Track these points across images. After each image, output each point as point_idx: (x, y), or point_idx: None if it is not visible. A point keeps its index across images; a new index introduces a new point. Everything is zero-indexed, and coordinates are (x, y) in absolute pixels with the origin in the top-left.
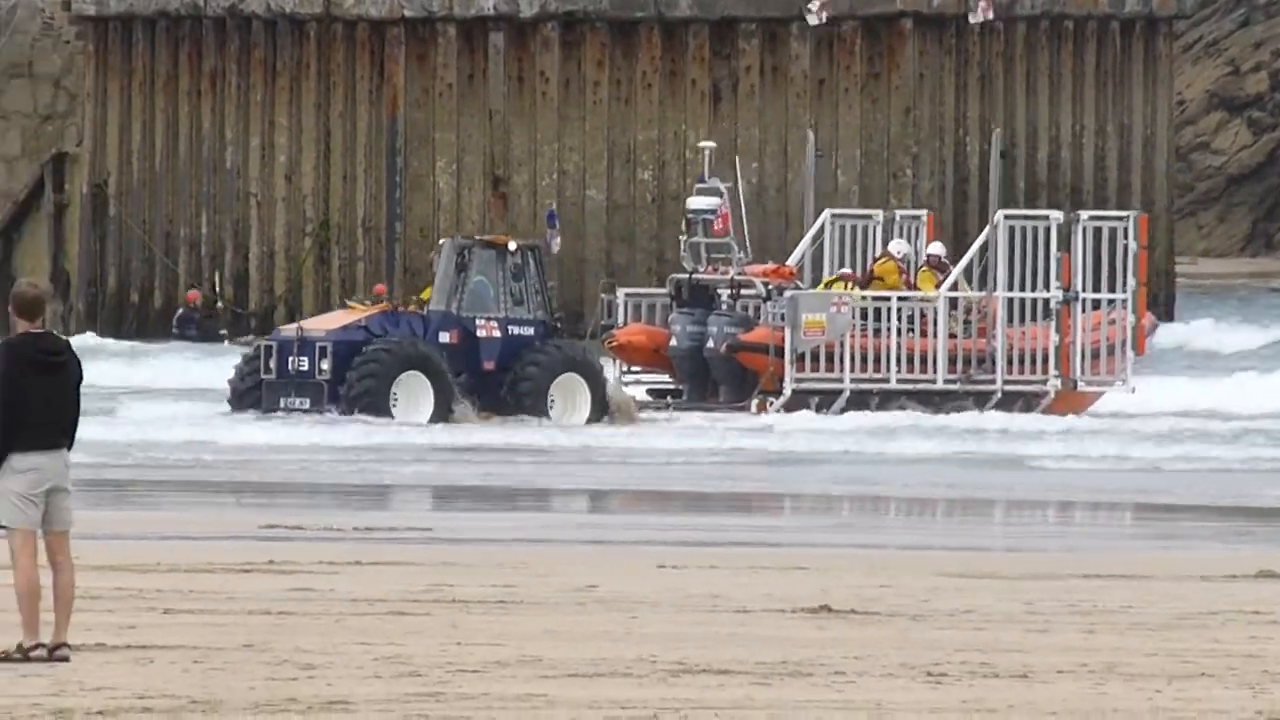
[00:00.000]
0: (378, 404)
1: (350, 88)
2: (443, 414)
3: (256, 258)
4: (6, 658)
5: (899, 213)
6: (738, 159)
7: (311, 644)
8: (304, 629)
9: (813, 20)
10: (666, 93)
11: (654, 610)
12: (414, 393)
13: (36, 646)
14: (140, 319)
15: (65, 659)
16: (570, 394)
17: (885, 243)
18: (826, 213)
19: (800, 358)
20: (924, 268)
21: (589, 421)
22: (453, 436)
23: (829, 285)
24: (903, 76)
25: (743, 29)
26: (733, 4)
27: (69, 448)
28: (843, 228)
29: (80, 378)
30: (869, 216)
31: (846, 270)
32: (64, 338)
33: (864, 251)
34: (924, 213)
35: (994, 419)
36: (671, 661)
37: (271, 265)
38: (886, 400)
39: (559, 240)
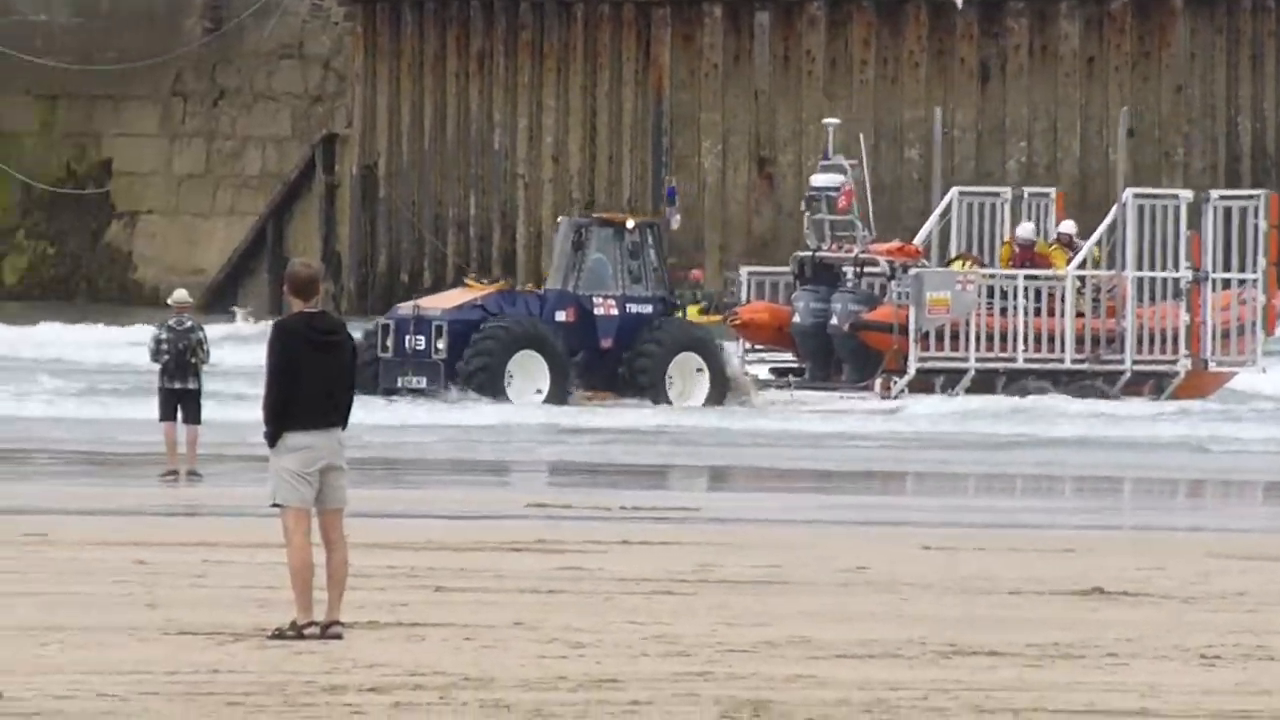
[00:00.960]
0: (493, 383)
1: (616, 69)
2: (559, 394)
3: (523, 238)
4: (280, 635)
5: (1027, 190)
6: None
7: (581, 623)
8: (573, 607)
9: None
10: (934, 71)
11: (923, 591)
12: (529, 372)
13: (310, 624)
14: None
15: (338, 636)
16: (689, 373)
17: (1013, 221)
18: (954, 191)
19: (925, 336)
20: (1054, 244)
21: (707, 402)
22: (624, 419)
23: (951, 264)
24: (1173, 55)
25: (1011, 7)
26: None
27: (343, 426)
28: (969, 206)
29: (355, 356)
30: (996, 195)
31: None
32: (338, 317)
33: (991, 230)
34: (1053, 190)
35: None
36: (942, 643)
37: (539, 246)
38: (1013, 380)
39: (678, 217)
